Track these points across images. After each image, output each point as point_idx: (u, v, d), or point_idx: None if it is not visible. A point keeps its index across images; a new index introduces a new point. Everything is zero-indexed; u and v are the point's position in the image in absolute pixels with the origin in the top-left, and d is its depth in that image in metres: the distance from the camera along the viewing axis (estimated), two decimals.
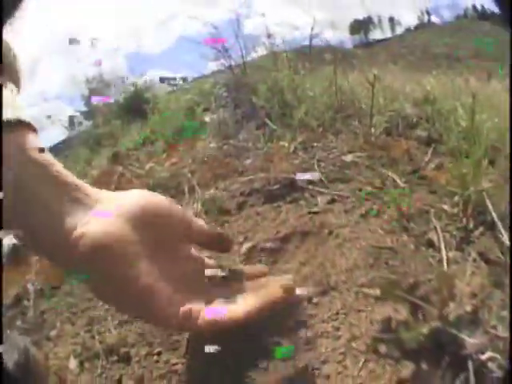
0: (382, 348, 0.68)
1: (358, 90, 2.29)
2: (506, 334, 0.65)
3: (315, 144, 1.84)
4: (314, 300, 0.81)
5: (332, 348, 0.75)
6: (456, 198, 1.18)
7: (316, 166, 1.48)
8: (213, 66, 3.32)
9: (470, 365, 0.62)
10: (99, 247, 0.39)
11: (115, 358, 0.97)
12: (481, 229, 1.08)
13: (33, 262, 1.89)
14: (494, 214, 1.00)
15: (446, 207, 1.20)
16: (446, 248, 0.93)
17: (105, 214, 0.43)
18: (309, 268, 0.93)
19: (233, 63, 3.14)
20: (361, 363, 0.70)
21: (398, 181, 1.38)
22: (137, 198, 0.45)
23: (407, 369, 0.65)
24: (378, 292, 0.77)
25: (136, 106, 3.03)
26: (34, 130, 0.43)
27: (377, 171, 1.48)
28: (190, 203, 1.55)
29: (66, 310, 1.34)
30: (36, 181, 0.40)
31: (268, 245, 1.02)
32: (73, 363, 1.06)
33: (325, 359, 0.74)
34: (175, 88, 3.44)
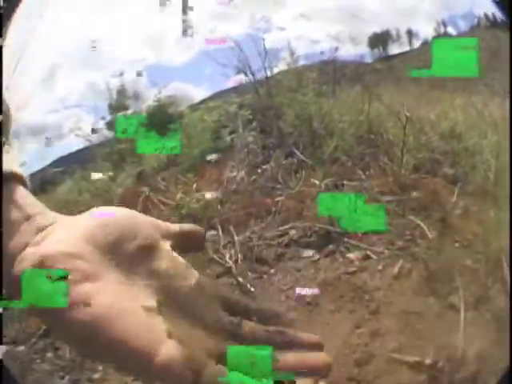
0: None
1: (385, 118, 2.48)
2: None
3: (345, 182, 2.07)
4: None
5: None
6: (479, 256, 1.41)
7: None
8: (235, 80, 3.54)
9: None
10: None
11: None
12: (497, 285, 1.31)
13: None
14: (507, 274, 1.23)
15: (469, 262, 1.43)
16: (464, 311, 1.16)
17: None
18: (343, 330, 1.17)
19: (254, 78, 3.37)
20: None
21: (427, 232, 1.60)
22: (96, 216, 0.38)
23: None
24: (407, 358, 1.01)
25: (160, 121, 3.25)
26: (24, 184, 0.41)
27: (406, 218, 1.71)
28: (228, 248, 1.79)
29: None
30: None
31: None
32: None
33: None
34: (198, 102, 3.66)
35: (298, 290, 1.15)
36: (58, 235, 0.36)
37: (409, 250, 1.44)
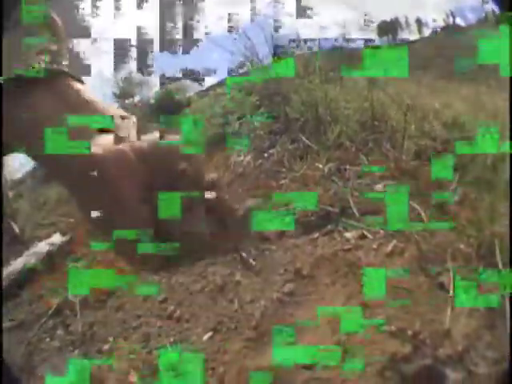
0: (388, 373, 1.03)
1: (389, 105, 2.57)
2: (485, 371, 0.99)
3: (348, 167, 2.16)
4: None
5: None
6: (471, 240, 1.50)
7: (349, 197, 1.81)
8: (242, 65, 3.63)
9: None
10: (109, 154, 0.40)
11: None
12: (489, 271, 1.40)
13: (67, 269, 2.24)
14: (499, 261, 1.32)
15: (462, 246, 1.52)
16: (454, 291, 1.26)
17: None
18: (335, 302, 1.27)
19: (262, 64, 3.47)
20: None
21: (423, 215, 1.70)
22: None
23: None
24: (392, 328, 1.11)
25: (167, 107, 3.34)
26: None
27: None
28: None
29: (117, 324, 1.69)
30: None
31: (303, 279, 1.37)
32: (134, 377, 1.41)
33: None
34: (205, 88, 3.77)
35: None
36: None
37: (403, 231, 1.53)
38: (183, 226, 0.45)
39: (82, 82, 0.45)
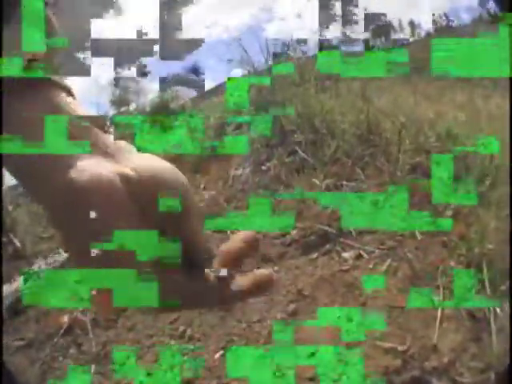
0: None
1: (382, 118, 2.74)
2: (470, 380, 1.17)
3: (345, 182, 2.34)
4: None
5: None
6: (461, 258, 1.69)
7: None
8: (237, 72, 3.79)
9: None
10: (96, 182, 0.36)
11: None
12: (478, 287, 1.59)
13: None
14: (485, 279, 1.51)
15: (452, 264, 1.70)
16: (442, 308, 1.44)
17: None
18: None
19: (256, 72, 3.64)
20: None
21: (417, 233, 1.88)
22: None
23: None
24: (387, 345, 1.29)
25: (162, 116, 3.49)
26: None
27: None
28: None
29: (130, 344, 1.85)
30: None
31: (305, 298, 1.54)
32: None
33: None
34: (201, 94, 3.91)
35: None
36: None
37: (397, 250, 1.71)
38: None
39: (71, 93, 0.43)
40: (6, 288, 2.65)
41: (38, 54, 0.39)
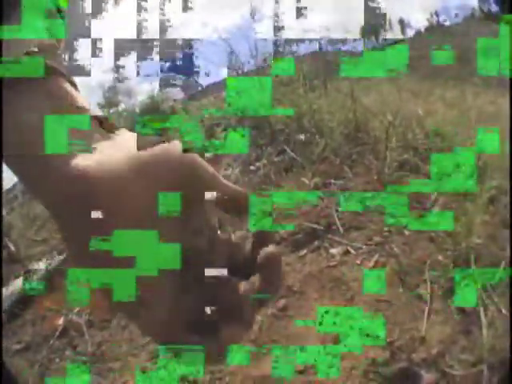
0: (371, 375, 1.24)
1: (372, 115, 2.76)
2: (460, 373, 1.19)
3: (333, 181, 2.36)
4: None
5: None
6: (449, 253, 1.71)
7: (334, 213, 2.01)
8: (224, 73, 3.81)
9: None
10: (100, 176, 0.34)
11: None
12: (466, 281, 1.61)
13: (66, 288, 2.39)
14: (473, 272, 1.53)
15: (440, 258, 1.73)
16: (431, 301, 1.47)
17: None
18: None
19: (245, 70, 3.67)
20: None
21: (405, 230, 1.90)
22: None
23: None
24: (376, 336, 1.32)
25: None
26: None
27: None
28: None
29: (125, 343, 1.87)
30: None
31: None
32: None
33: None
34: (192, 94, 3.93)
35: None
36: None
37: (385, 246, 1.74)
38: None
39: (75, 85, 0.41)
40: (3, 292, 2.65)
41: (42, 44, 0.38)
